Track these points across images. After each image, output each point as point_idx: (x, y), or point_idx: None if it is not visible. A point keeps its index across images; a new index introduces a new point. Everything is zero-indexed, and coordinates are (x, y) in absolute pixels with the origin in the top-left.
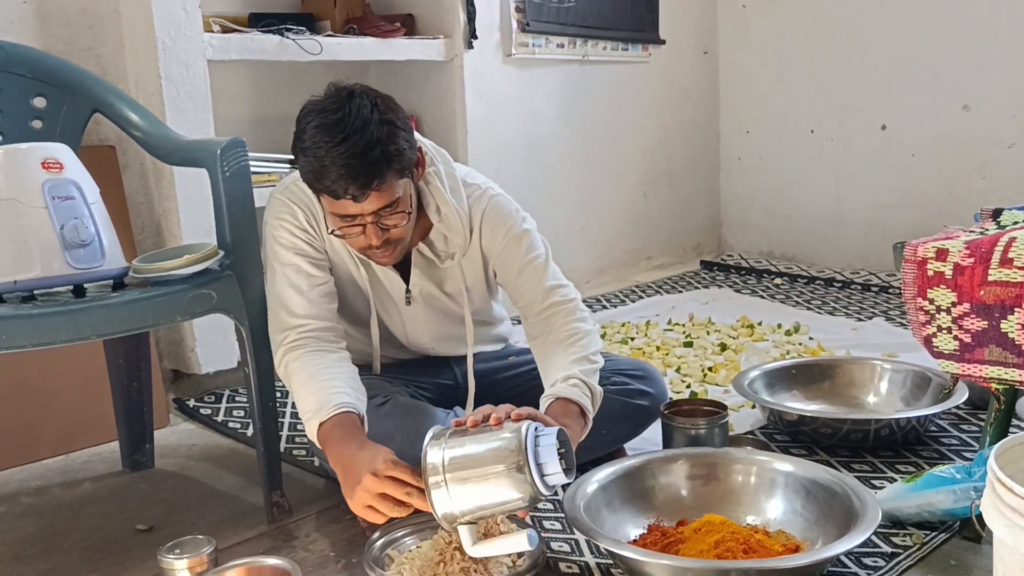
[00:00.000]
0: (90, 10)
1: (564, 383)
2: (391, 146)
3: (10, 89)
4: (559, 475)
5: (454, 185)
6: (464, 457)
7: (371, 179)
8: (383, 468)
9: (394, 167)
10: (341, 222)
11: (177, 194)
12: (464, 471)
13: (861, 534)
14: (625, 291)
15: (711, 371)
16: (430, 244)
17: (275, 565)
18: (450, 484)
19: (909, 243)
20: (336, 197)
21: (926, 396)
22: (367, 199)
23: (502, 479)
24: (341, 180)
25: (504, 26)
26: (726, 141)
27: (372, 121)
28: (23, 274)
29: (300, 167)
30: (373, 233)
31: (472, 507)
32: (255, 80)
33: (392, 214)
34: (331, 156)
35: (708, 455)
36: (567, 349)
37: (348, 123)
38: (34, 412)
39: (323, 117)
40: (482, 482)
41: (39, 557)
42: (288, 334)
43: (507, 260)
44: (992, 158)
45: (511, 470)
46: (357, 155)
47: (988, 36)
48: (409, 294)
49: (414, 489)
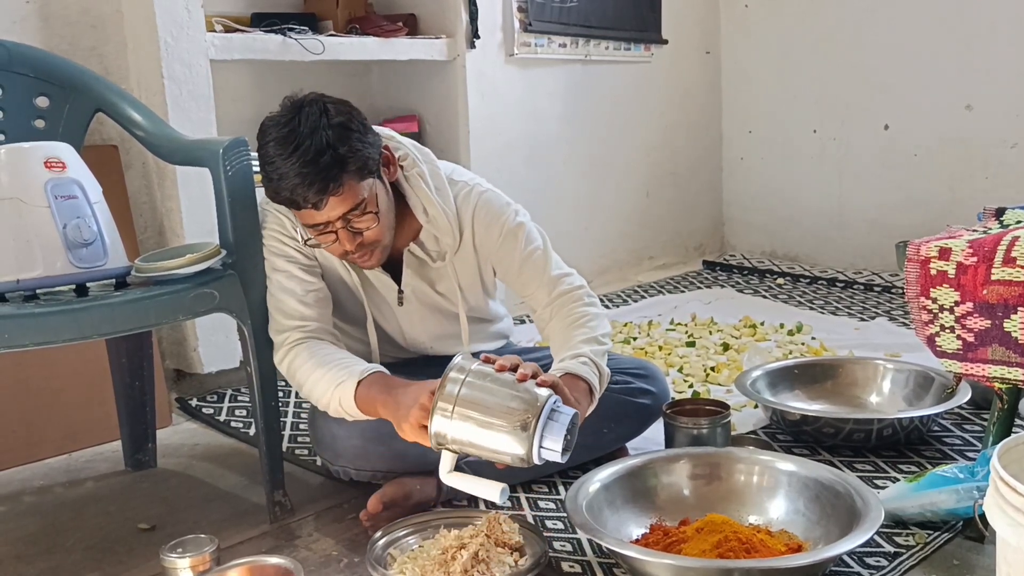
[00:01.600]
0: (93, 10)
1: (573, 360)
2: (341, 148)
3: (13, 88)
4: (556, 453)
5: (439, 184)
6: (481, 395)
7: (326, 184)
8: (427, 400)
9: (349, 169)
10: (313, 231)
11: (179, 193)
12: (474, 412)
13: (864, 534)
14: (627, 291)
15: (713, 371)
16: (421, 245)
17: (277, 564)
18: (455, 416)
19: (912, 242)
20: (297, 208)
21: (929, 396)
22: (326, 205)
23: (505, 436)
24: (298, 189)
25: (506, 26)
26: (728, 141)
27: (320, 126)
28: (26, 273)
29: (263, 184)
30: (346, 238)
31: (465, 441)
32: (257, 80)
33: (360, 216)
34: (285, 167)
35: (710, 455)
36: (576, 330)
37: (298, 132)
38: (37, 411)
39: (276, 131)
40: (486, 429)
41: (41, 556)
42: (288, 335)
43: (506, 256)
44: (995, 158)
45: (516, 427)
46: (308, 163)
47: (991, 36)
48: (401, 295)
49: None
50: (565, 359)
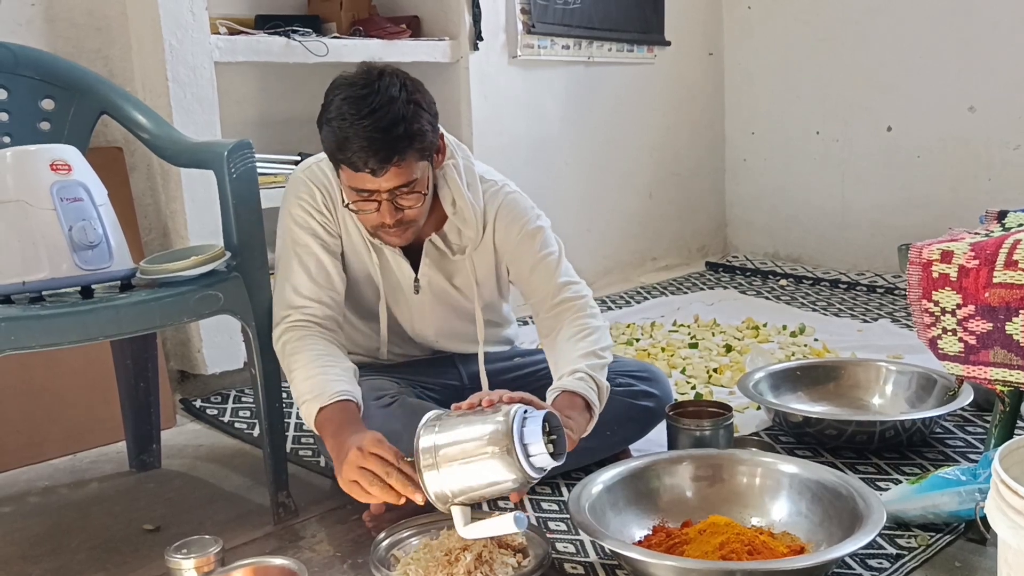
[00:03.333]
0: (98, 12)
1: (570, 376)
2: (415, 125)
3: (19, 91)
4: (545, 456)
5: (471, 180)
6: (455, 440)
7: (391, 155)
8: (368, 445)
9: (415, 147)
10: (357, 196)
11: (184, 195)
12: (454, 453)
13: (866, 536)
14: (630, 292)
15: (716, 372)
16: (443, 236)
17: (281, 565)
18: (441, 466)
19: (914, 245)
20: (356, 169)
21: (931, 398)
22: (386, 174)
23: (490, 461)
24: (362, 152)
25: (510, 28)
26: (731, 142)
27: (399, 100)
28: (32, 275)
29: (323, 137)
30: (388, 211)
31: (463, 487)
32: (261, 82)
33: (408, 194)
34: (355, 128)
35: (713, 456)
36: (576, 344)
37: (375, 99)
38: (42, 412)
39: (351, 91)
40: (471, 464)
41: (46, 557)
42: (291, 313)
43: (520, 256)
44: (998, 159)
45: (499, 453)
46: (381, 130)
47: (994, 37)
48: (417, 283)
49: (394, 469)
50: (563, 376)
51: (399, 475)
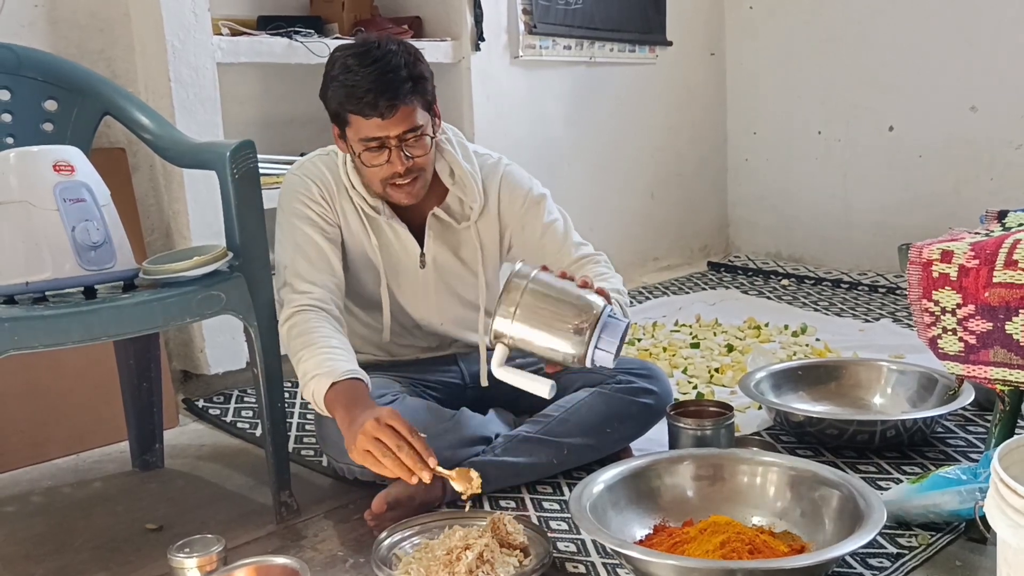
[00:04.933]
0: (101, 13)
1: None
2: (416, 70)
3: (22, 92)
4: (608, 356)
5: (466, 154)
6: (545, 293)
7: (397, 94)
8: (384, 416)
9: (419, 90)
10: (365, 147)
11: (187, 196)
12: (538, 305)
13: (866, 535)
14: (632, 292)
15: (718, 372)
16: (446, 208)
17: (284, 564)
18: (520, 310)
19: (914, 245)
20: (366, 116)
21: (932, 397)
22: (395, 115)
23: (563, 332)
24: (370, 95)
25: (511, 28)
26: (733, 142)
27: (399, 51)
28: (35, 276)
29: (330, 97)
30: (398, 158)
31: (523, 336)
32: (264, 82)
33: (417, 140)
34: (362, 74)
35: (714, 456)
36: (599, 280)
37: (377, 51)
38: (45, 412)
39: (352, 49)
40: (547, 322)
41: (50, 556)
42: (295, 297)
43: (528, 224)
44: (1000, 159)
45: (576, 326)
46: (387, 71)
47: (996, 37)
48: (423, 258)
49: (405, 443)
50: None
51: (410, 451)
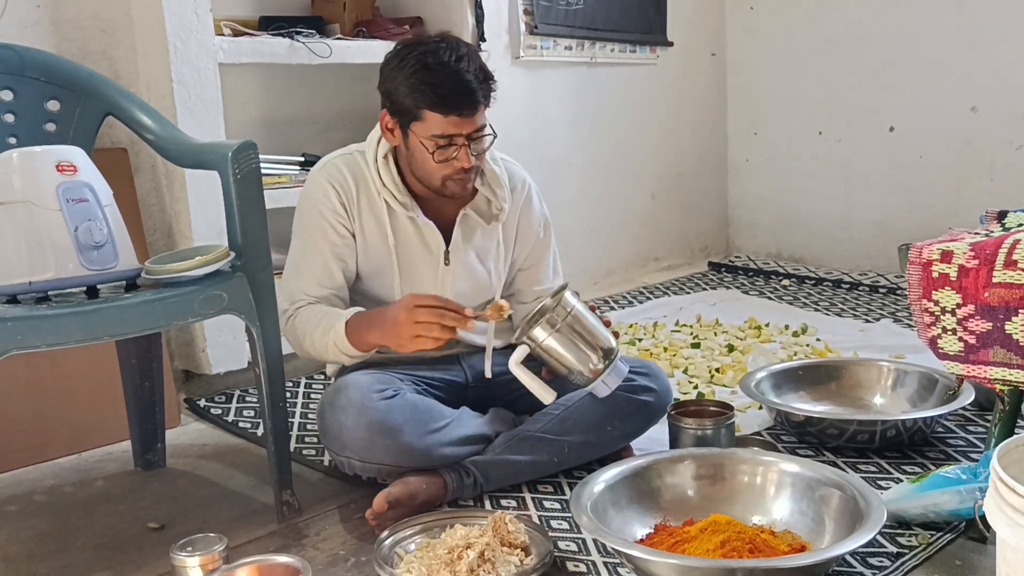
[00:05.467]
0: (103, 14)
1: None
2: (487, 72)
3: (25, 93)
4: (606, 390)
5: (492, 155)
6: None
7: (480, 95)
8: (410, 302)
9: (492, 92)
10: (436, 144)
11: (188, 196)
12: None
13: (866, 534)
14: (633, 292)
15: (718, 372)
16: (476, 207)
17: (285, 563)
18: (561, 327)
19: (914, 245)
20: (445, 114)
21: (933, 397)
22: (477, 113)
23: (584, 359)
24: (454, 95)
25: (512, 28)
26: (734, 142)
27: (472, 54)
28: (38, 275)
29: (403, 94)
30: (466, 154)
31: (552, 347)
32: (265, 83)
33: (482, 137)
34: (444, 73)
35: (714, 455)
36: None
37: (456, 51)
38: (47, 411)
39: (424, 47)
40: (576, 345)
41: (52, 555)
42: (296, 303)
43: (536, 245)
44: (1000, 160)
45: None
46: (475, 71)
47: (996, 38)
48: (448, 255)
49: (443, 309)
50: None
51: (450, 314)
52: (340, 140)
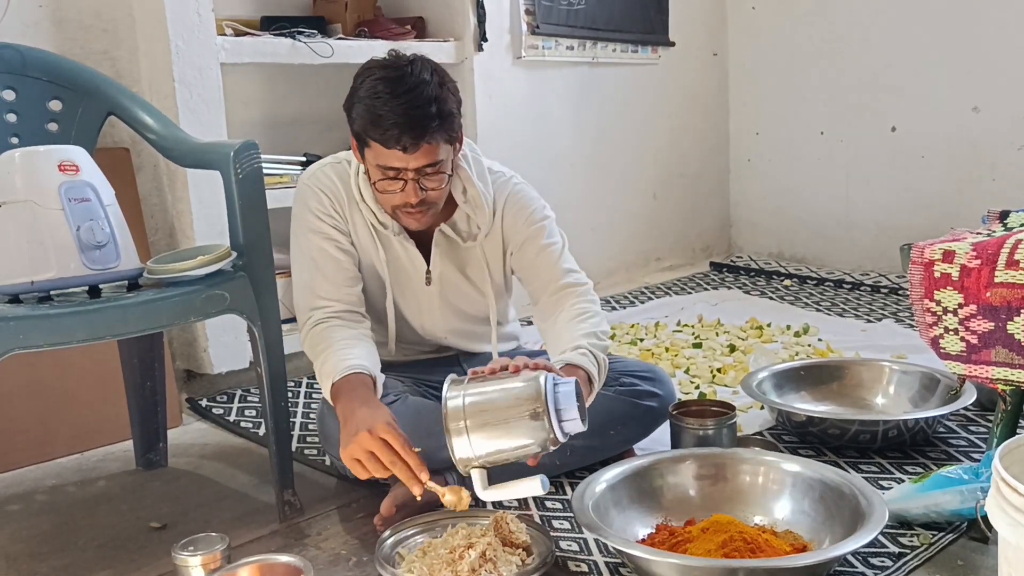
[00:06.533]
0: (105, 14)
1: (573, 351)
2: (445, 107)
3: (27, 92)
4: (576, 422)
5: (480, 170)
6: (485, 402)
7: (424, 133)
8: (380, 429)
9: (445, 128)
10: (383, 175)
11: (190, 196)
12: (484, 415)
13: (868, 534)
14: (635, 292)
15: (720, 372)
16: (453, 225)
17: (287, 563)
18: (471, 429)
19: (916, 245)
20: (387, 146)
21: (934, 397)
22: (416, 153)
23: (521, 424)
24: (395, 129)
25: (514, 28)
26: (736, 143)
27: (431, 83)
28: (40, 275)
29: (354, 116)
30: (413, 190)
31: (489, 451)
32: (267, 83)
33: (433, 175)
34: (390, 105)
35: (716, 455)
36: (577, 324)
37: (409, 80)
38: (49, 411)
39: (385, 72)
40: (502, 426)
41: (54, 554)
42: (313, 313)
43: (527, 243)
44: (1002, 160)
45: (531, 415)
46: (416, 107)
47: (998, 37)
48: (429, 275)
49: (399, 460)
50: (566, 351)
51: (403, 467)
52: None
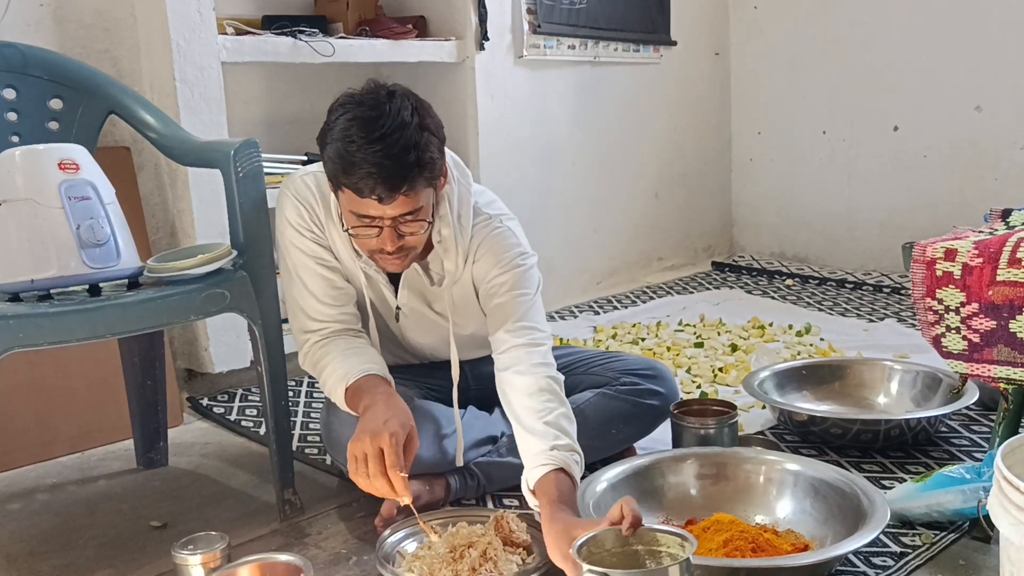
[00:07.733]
0: (106, 13)
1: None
2: (426, 154)
3: (27, 91)
4: None
5: (463, 211)
6: None
7: (401, 183)
8: (383, 439)
9: (424, 175)
10: (358, 221)
11: (191, 195)
12: None
13: (869, 533)
14: (637, 292)
15: (721, 371)
16: (425, 267)
17: (287, 562)
18: None
19: (918, 243)
20: (360, 195)
21: (936, 397)
22: (393, 203)
23: None
24: (369, 179)
25: (516, 28)
26: (738, 142)
27: (411, 125)
28: (40, 273)
29: (326, 158)
30: (389, 238)
31: None
32: (268, 82)
33: (412, 222)
34: (363, 152)
35: (717, 455)
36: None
37: (386, 122)
38: (50, 410)
39: (360, 111)
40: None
41: (55, 553)
42: (310, 336)
43: (493, 290)
44: (1004, 159)
45: None
46: (392, 156)
47: (1001, 37)
48: (399, 311)
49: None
50: (545, 463)
51: (384, 483)
52: None
